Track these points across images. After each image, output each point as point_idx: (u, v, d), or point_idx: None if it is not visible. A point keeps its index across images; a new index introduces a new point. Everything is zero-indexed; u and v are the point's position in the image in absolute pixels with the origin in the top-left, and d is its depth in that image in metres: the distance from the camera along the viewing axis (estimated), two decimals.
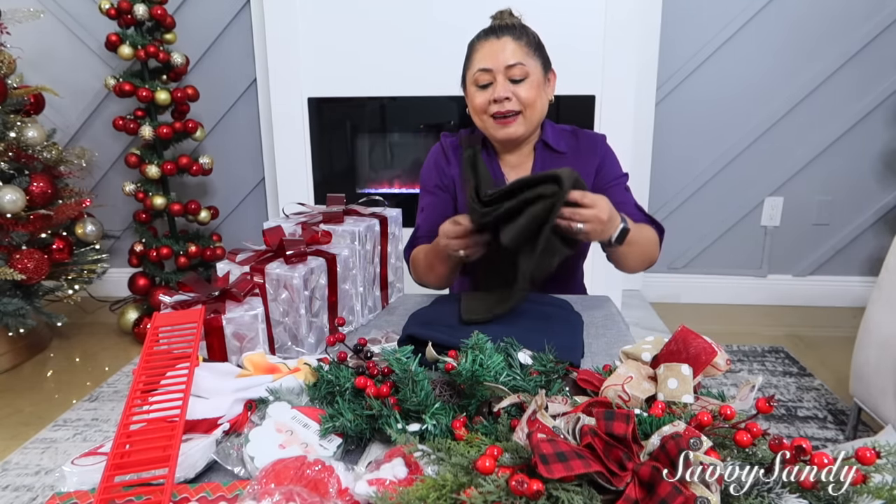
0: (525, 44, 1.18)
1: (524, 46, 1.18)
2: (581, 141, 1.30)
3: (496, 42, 1.18)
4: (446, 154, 1.35)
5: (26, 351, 2.31)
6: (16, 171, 2.13)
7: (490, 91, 1.18)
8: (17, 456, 1.68)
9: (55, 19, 2.62)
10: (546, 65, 1.23)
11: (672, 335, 0.71)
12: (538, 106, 1.20)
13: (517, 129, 1.20)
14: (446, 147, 1.35)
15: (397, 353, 0.72)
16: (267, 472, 0.58)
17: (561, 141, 1.29)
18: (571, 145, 1.29)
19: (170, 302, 0.87)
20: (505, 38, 1.17)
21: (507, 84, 1.17)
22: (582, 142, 1.29)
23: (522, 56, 1.17)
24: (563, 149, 1.28)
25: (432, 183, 1.34)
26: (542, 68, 1.21)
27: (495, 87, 1.18)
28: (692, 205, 2.68)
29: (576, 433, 0.53)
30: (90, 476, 0.62)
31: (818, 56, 2.46)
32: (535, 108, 1.20)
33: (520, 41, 1.18)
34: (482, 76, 1.19)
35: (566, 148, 1.28)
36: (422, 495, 0.49)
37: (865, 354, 1.50)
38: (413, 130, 2.50)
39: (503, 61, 1.16)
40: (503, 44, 1.17)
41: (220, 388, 0.74)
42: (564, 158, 1.28)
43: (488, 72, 1.18)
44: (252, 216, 2.84)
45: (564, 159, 1.28)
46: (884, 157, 2.55)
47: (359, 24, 2.27)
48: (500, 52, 1.17)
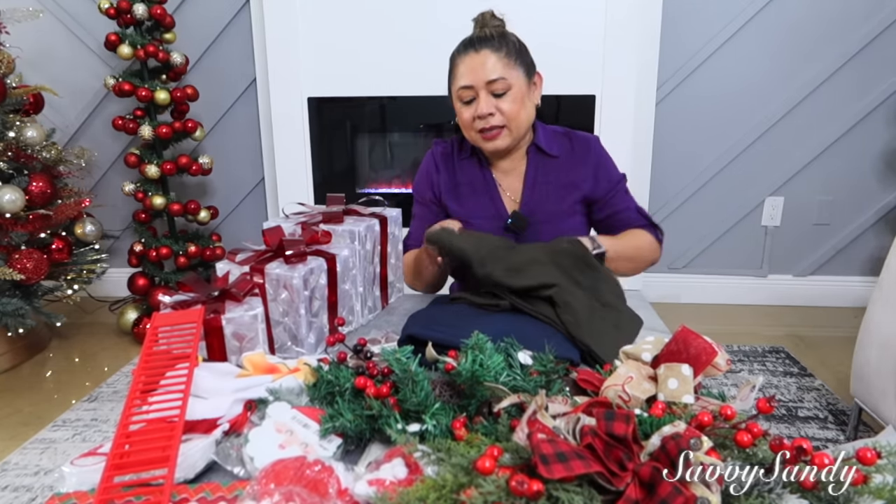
0: (505, 55, 1.17)
1: (504, 58, 1.17)
2: (574, 144, 1.30)
3: (476, 56, 1.17)
4: (437, 164, 1.36)
5: (26, 351, 2.31)
6: (15, 170, 2.13)
7: (474, 107, 1.19)
8: (16, 456, 1.68)
9: (54, 19, 2.62)
10: (530, 70, 1.22)
11: (672, 335, 0.71)
12: (522, 117, 1.21)
13: (503, 141, 1.22)
14: (437, 156, 1.36)
15: (397, 353, 0.72)
16: (266, 472, 0.58)
17: (554, 144, 1.29)
18: (565, 148, 1.29)
19: (169, 302, 0.87)
20: (484, 51, 1.17)
21: (489, 99, 1.17)
22: (575, 145, 1.29)
23: (503, 69, 1.16)
24: (556, 152, 1.28)
25: (423, 194, 1.36)
26: (526, 76, 1.20)
27: (478, 104, 1.18)
28: (692, 205, 2.68)
29: (576, 433, 0.53)
30: (89, 476, 0.62)
31: (818, 56, 2.46)
32: (520, 119, 1.20)
33: (499, 53, 1.17)
34: (465, 93, 1.20)
35: (559, 151, 1.28)
36: (422, 495, 0.49)
37: (866, 354, 1.50)
38: (413, 130, 2.50)
39: (483, 77, 1.16)
40: (483, 58, 1.16)
41: (220, 389, 0.74)
42: (558, 162, 1.28)
43: (470, 88, 1.18)
44: (252, 216, 2.84)
45: (558, 163, 1.28)
46: (884, 157, 2.55)
47: (359, 24, 2.27)
48: (479, 68, 1.16)
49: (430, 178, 1.36)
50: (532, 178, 1.28)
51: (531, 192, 1.28)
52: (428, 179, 1.36)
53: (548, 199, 1.28)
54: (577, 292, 1.00)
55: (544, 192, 1.28)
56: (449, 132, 2.41)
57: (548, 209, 1.28)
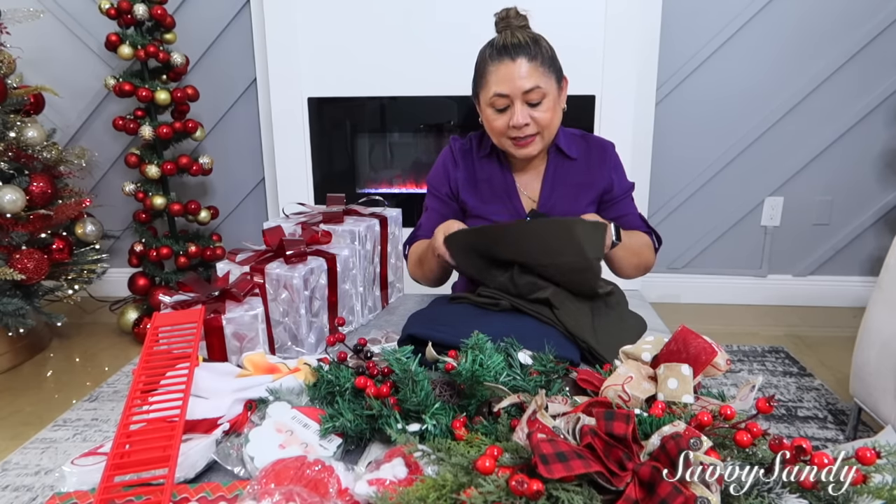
0: (540, 63, 1.15)
1: (539, 67, 1.15)
2: (592, 147, 1.31)
3: (511, 65, 1.14)
4: (455, 158, 1.35)
5: (26, 351, 2.31)
6: (16, 171, 2.13)
7: (507, 115, 1.17)
8: (16, 456, 1.68)
9: (55, 19, 2.62)
10: (559, 76, 1.21)
11: (672, 335, 0.71)
12: (555, 123, 1.21)
13: (535, 148, 1.21)
14: (455, 152, 1.35)
15: (397, 353, 0.72)
16: (267, 472, 0.58)
17: (573, 146, 1.30)
18: (583, 150, 1.30)
19: (170, 302, 0.87)
20: (520, 59, 1.14)
21: (524, 109, 1.15)
22: (593, 148, 1.31)
23: (538, 78, 1.14)
24: (575, 154, 1.29)
25: (439, 188, 1.34)
26: (557, 83, 1.19)
27: (513, 113, 1.16)
28: (692, 205, 2.68)
29: (576, 433, 0.53)
30: (90, 476, 0.62)
31: (818, 56, 2.46)
32: (552, 126, 1.20)
33: (535, 62, 1.14)
34: (499, 101, 1.16)
35: (577, 154, 1.29)
36: (422, 495, 0.49)
37: (866, 354, 1.50)
38: (413, 130, 2.50)
39: (520, 87, 1.14)
40: (518, 67, 1.14)
41: (220, 389, 0.74)
42: (576, 164, 1.29)
43: (505, 97, 1.16)
44: (252, 216, 2.83)
45: (576, 165, 1.29)
46: (884, 157, 2.55)
47: (359, 25, 2.27)
48: (516, 78, 1.14)
49: (447, 172, 1.34)
50: (551, 179, 1.29)
51: (549, 194, 1.29)
52: (445, 174, 1.35)
53: (565, 200, 1.29)
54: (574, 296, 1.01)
55: (562, 194, 1.29)
56: (449, 132, 2.41)
57: (564, 209, 1.28)
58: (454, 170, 1.34)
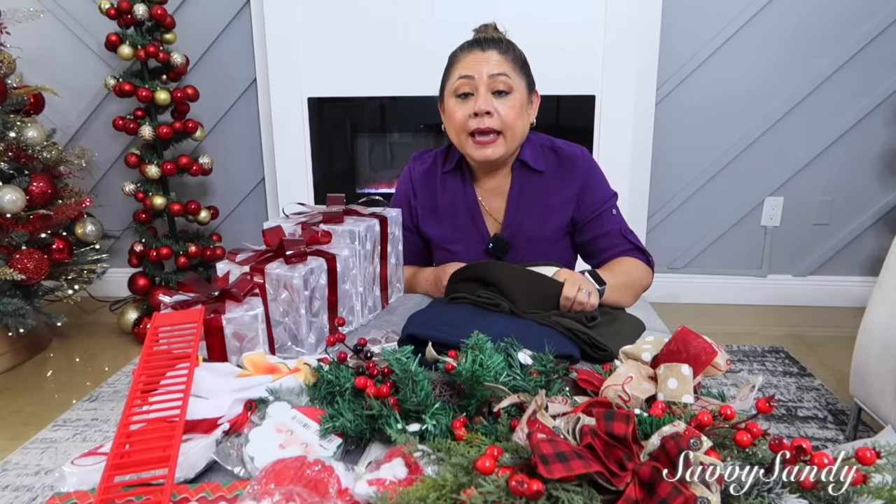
0: (511, 59, 1.14)
1: (510, 62, 1.14)
2: (561, 159, 1.24)
3: (481, 54, 1.13)
4: (414, 187, 1.31)
5: (26, 351, 2.31)
6: (16, 171, 2.13)
7: (471, 103, 1.14)
8: (16, 456, 1.68)
9: (55, 19, 2.62)
10: (530, 85, 1.19)
11: (672, 335, 0.71)
12: (519, 128, 1.16)
13: (496, 150, 1.16)
14: (415, 178, 1.31)
15: (397, 353, 0.72)
16: (267, 472, 0.58)
17: (540, 159, 1.24)
18: (550, 163, 1.24)
19: (170, 302, 0.87)
20: (490, 50, 1.13)
21: (489, 97, 1.12)
22: (562, 160, 1.24)
23: (507, 68, 1.13)
24: (542, 167, 1.23)
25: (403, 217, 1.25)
26: (527, 88, 1.17)
27: (476, 99, 1.13)
28: (692, 205, 2.68)
29: (576, 433, 0.53)
30: (90, 476, 0.62)
31: (818, 56, 2.46)
32: (516, 130, 1.16)
33: (506, 55, 1.14)
34: (463, 84, 1.14)
35: (545, 166, 1.23)
36: (422, 495, 0.49)
37: (866, 354, 1.50)
38: (413, 130, 2.50)
39: (487, 70, 1.12)
40: (488, 56, 1.13)
41: (220, 389, 0.74)
42: (543, 178, 1.23)
43: (470, 79, 1.13)
44: (252, 216, 2.84)
45: (543, 179, 1.23)
46: (884, 157, 2.55)
47: (359, 25, 2.27)
48: (484, 63, 1.12)
49: (408, 201, 1.31)
50: (516, 196, 1.24)
51: (514, 212, 1.24)
52: (407, 203, 1.31)
53: (531, 221, 1.23)
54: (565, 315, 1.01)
55: (527, 214, 1.23)
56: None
57: (531, 231, 1.23)
58: (413, 199, 1.30)
